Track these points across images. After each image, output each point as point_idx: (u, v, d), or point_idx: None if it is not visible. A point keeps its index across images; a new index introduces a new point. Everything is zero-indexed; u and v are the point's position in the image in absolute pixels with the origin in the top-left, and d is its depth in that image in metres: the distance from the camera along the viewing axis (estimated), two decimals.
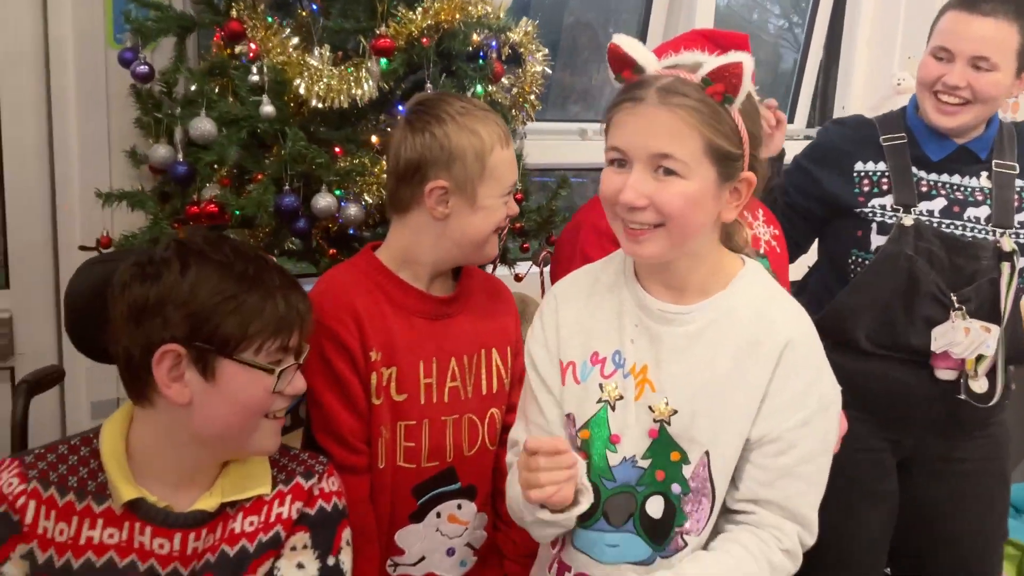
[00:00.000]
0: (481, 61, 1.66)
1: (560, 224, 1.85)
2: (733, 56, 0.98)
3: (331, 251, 1.66)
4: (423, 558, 1.38)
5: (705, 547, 1.12)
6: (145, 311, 1.05)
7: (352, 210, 1.57)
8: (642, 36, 2.77)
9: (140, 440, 1.11)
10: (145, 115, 1.79)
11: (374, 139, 1.61)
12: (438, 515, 1.38)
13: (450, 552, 1.40)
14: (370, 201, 1.59)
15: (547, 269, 1.75)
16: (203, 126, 1.48)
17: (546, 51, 1.72)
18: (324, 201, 1.51)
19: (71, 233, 1.89)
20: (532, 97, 1.73)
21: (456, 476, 1.39)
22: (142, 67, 1.63)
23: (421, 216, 1.33)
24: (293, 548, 1.12)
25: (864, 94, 2.93)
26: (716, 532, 1.13)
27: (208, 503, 1.10)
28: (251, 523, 1.11)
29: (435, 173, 1.30)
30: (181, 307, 1.05)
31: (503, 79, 1.68)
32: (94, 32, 1.83)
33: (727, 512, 1.13)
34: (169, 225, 1.61)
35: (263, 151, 1.59)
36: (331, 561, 1.13)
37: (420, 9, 1.54)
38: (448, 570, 1.40)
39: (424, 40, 1.53)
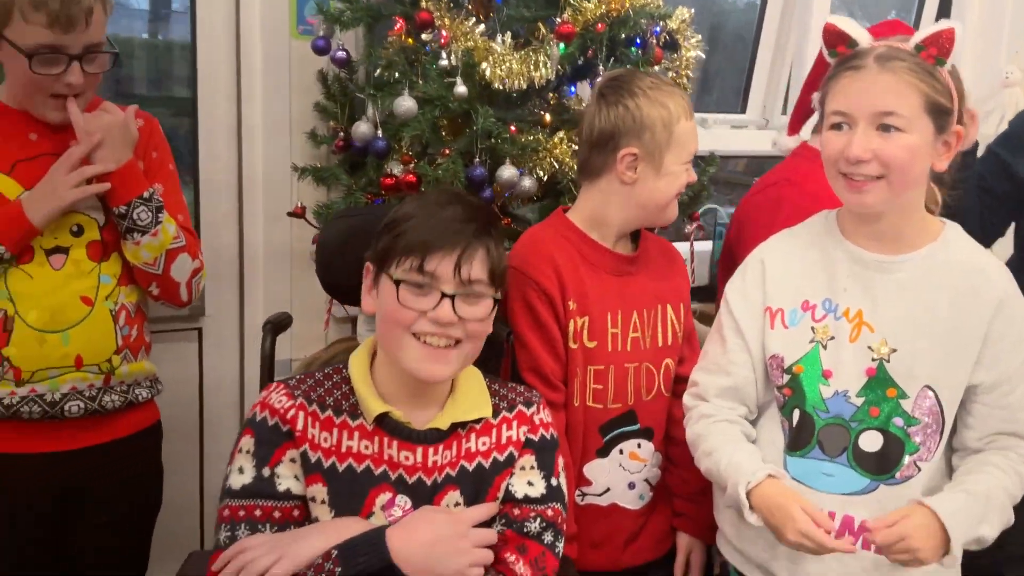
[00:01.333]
0: (633, 48, 1.81)
1: (705, 200, 1.99)
2: (944, 24, 1.13)
3: (505, 220, 1.82)
4: (608, 490, 1.53)
5: (940, 474, 1.27)
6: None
7: (527, 182, 1.73)
8: None
9: (378, 366, 1.27)
10: (328, 98, 1.98)
11: (547, 117, 1.77)
12: (620, 452, 1.53)
13: (631, 486, 1.55)
14: (541, 175, 1.76)
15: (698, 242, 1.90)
16: (406, 104, 1.65)
17: (699, 37, 1.86)
18: (507, 173, 1.68)
19: (255, 204, 2.08)
20: (685, 80, 1.88)
21: (636, 418, 1.54)
22: (340, 53, 1.82)
23: (611, 181, 1.49)
24: (522, 468, 1.26)
25: (971, 88, 3.01)
26: (949, 466, 1.29)
27: (440, 422, 1.24)
28: (483, 443, 1.26)
29: (627, 141, 1.45)
30: (380, 230, 1.23)
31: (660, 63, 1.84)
32: (279, 26, 2.03)
33: (961, 448, 1.29)
34: (362, 195, 1.80)
35: (449, 127, 1.76)
36: (554, 482, 1.27)
37: None
38: (629, 502, 1.55)
39: (599, 26, 1.69)
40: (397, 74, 1.78)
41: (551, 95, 1.83)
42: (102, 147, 1.42)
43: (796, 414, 1.31)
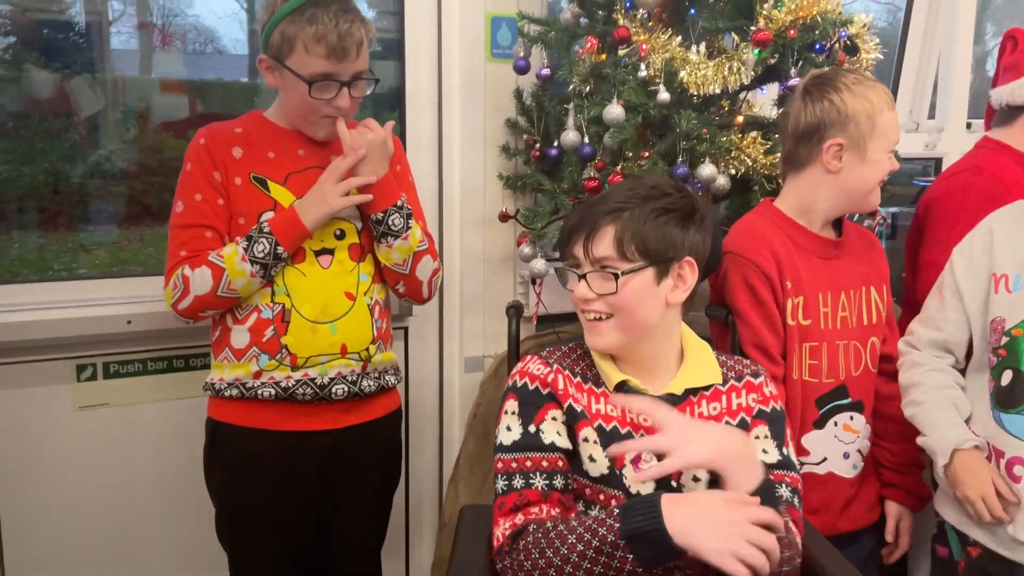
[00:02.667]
0: (813, 52, 1.93)
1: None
2: None
3: None
4: (825, 459, 1.64)
5: None
6: None
7: (721, 180, 1.86)
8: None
9: None
10: (522, 113, 2.16)
11: (739, 119, 1.89)
12: (835, 424, 1.64)
13: (845, 456, 1.65)
14: (733, 172, 1.89)
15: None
16: (615, 111, 1.80)
17: (877, 41, 1.97)
18: (707, 171, 1.81)
19: (452, 212, 2.27)
20: None
21: (847, 392, 1.64)
22: (545, 71, 1.99)
23: (817, 171, 1.61)
24: (756, 437, 1.37)
25: None
26: None
27: (675, 388, 1.36)
28: (714, 408, 1.37)
29: (832, 133, 1.57)
30: None
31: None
32: (475, 50, 2.21)
33: None
34: (566, 197, 1.96)
35: (642, 131, 1.90)
36: (785, 451, 1.37)
37: (783, 8, 1.83)
38: (844, 471, 1.65)
39: (791, 32, 1.81)
40: (589, 87, 1.95)
41: (740, 97, 1.96)
42: (365, 161, 1.60)
43: (1008, 374, 1.40)
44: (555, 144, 2.07)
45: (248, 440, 1.63)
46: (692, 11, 1.87)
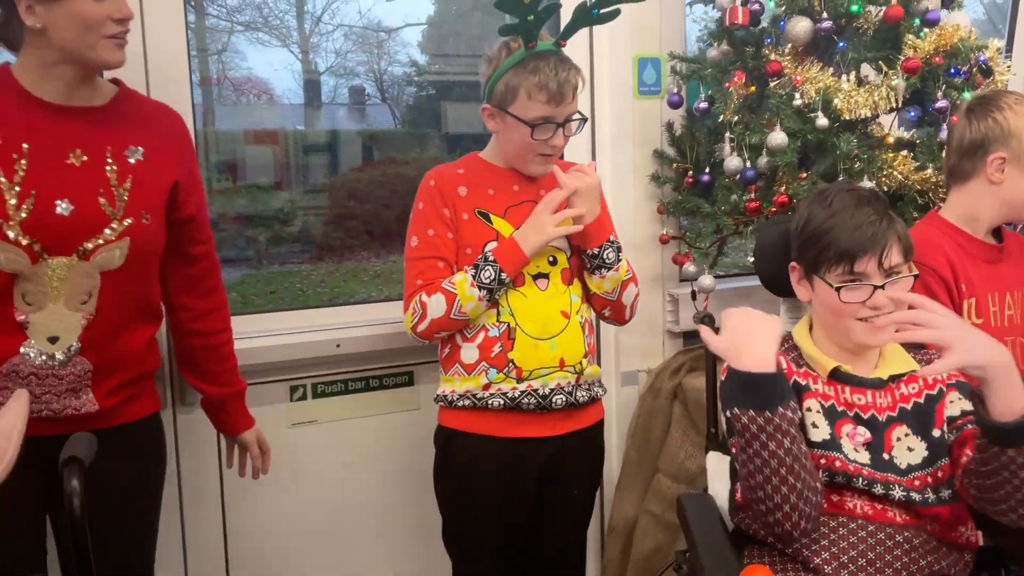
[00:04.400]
0: (951, 76, 2.11)
1: None
2: None
3: None
4: None
5: None
6: None
7: None
8: None
9: (818, 336, 1.59)
10: (672, 144, 2.36)
11: (890, 139, 2.08)
12: None
13: None
14: (885, 188, 2.07)
15: None
16: (778, 138, 2.00)
17: (1010, 63, 2.16)
18: (867, 186, 2.00)
19: None
20: None
21: None
22: (703, 104, 2.19)
23: (980, 183, 1.79)
24: (951, 401, 1.53)
25: None
26: None
27: (881, 373, 1.54)
28: (913, 388, 1.54)
29: (995, 148, 1.76)
30: (802, 237, 1.57)
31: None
32: (624, 89, 2.42)
33: None
34: (728, 219, 2.15)
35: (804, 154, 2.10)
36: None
37: (926, 38, 2.03)
38: None
39: (936, 59, 2.01)
40: (737, 117, 2.15)
41: (879, 120, 2.15)
42: (581, 201, 1.78)
43: None
44: (706, 171, 2.27)
45: (479, 446, 1.82)
46: (841, 44, 2.06)
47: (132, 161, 1.57)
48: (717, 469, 1.64)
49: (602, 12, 1.78)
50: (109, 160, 1.54)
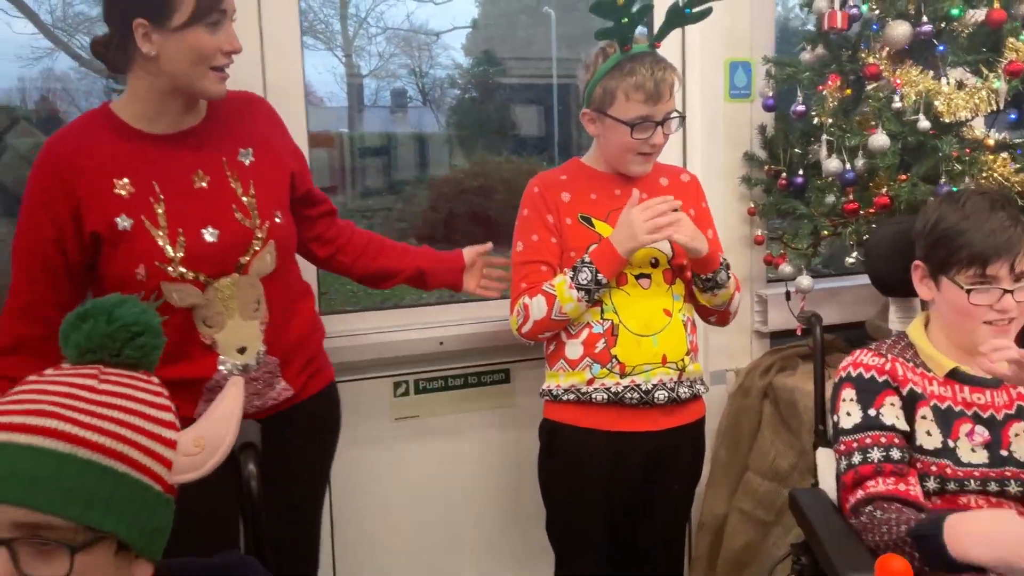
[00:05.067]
0: None
1: None
2: None
3: None
4: None
5: None
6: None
7: None
8: None
9: (934, 335, 1.62)
10: (764, 146, 2.39)
11: (989, 141, 2.09)
12: None
13: None
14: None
15: None
16: (881, 140, 2.02)
17: None
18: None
19: None
20: None
21: None
22: (800, 107, 2.22)
23: None
24: None
25: None
26: None
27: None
28: None
29: None
30: (929, 237, 1.59)
31: None
32: (715, 93, 2.46)
33: None
34: (825, 220, 2.18)
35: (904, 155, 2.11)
36: None
37: None
38: None
39: None
40: (831, 119, 2.18)
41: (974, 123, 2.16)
42: (693, 239, 1.78)
43: None
44: (799, 172, 2.30)
45: (583, 439, 1.88)
46: (941, 48, 2.08)
47: (247, 164, 1.64)
48: (827, 465, 1.68)
49: (694, 11, 1.82)
50: (228, 172, 1.61)
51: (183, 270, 1.53)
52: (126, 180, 1.52)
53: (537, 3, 4.63)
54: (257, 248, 1.61)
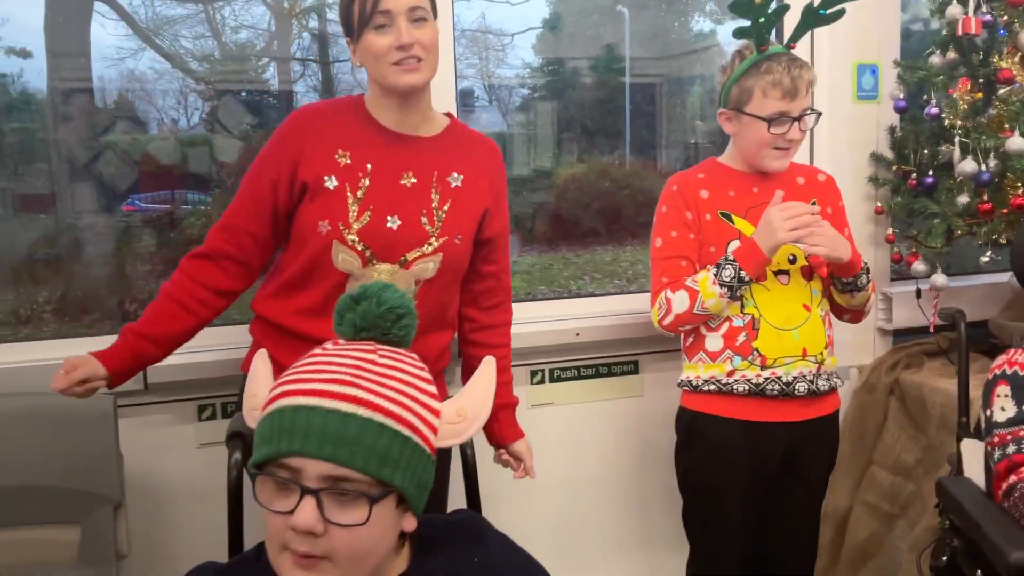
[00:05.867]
0: None
1: None
2: None
3: None
4: None
5: None
6: None
7: None
8: None
9: None
10: (892, 147, 2.44)
11: None
12: None
13: None
14: None
15: None
16: (1018, 143, 2.06)
17: None
18: None
19: None
20: None
21: None
22: (933, 109, 2.27)
23: None
24: None
25: None
26: None
27: None
28: None
29: None
30: None
31: None
32: (843, 95, 2.52)
33: None
34: (960, 220, 2.22)
35: None
36: None
37: None
38: None
39: None
40: (960, 121, 2.22)
41: None
42: (833, 248, 1.85)
43: None
44: (928, 173, 2.34)
45: (723, 428, 1.97)
46: None
47: (453, 187, 1.77)
48: (972, 456, 1.73)
49: (829, 12, 1.89)
50: (434, 184, 1.75)
51: (355, 239, 1.67)
52: (347, 153, 1.69)
53: (613, 2, 4.68)
54: (427, 252, 1.73)
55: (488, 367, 1.11)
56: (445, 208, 1.75)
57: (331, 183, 1.67)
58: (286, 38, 3.44)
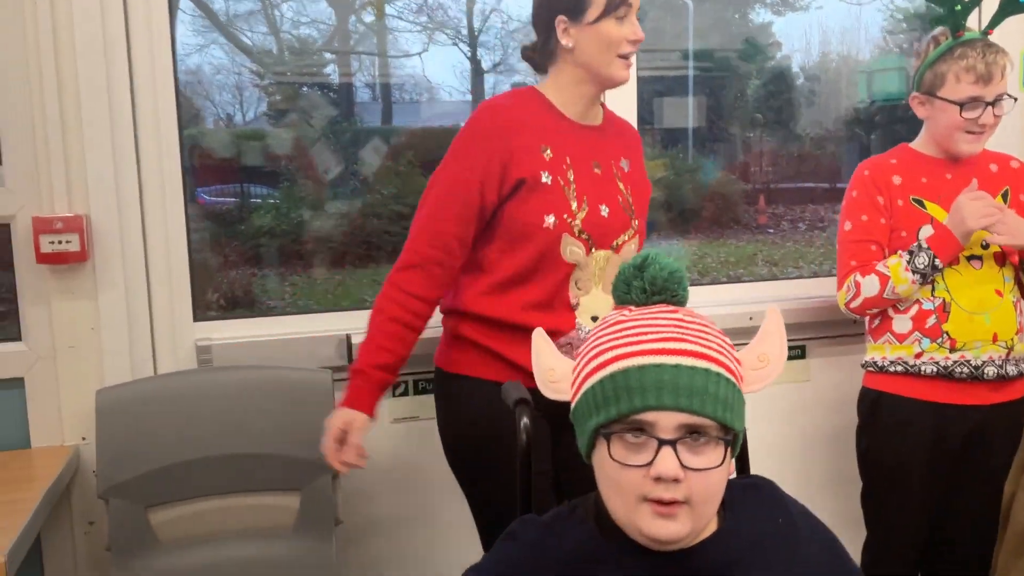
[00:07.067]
0: None
1: None
2: None
3: None
4: None
5: None
6: None
7: None
8: None
9: None
10: None
11: None
12: None
13: None
14: None
15: None
16: None
17: None
18: None
19: None
20: None
21: None
22: None
23: None
24: None
25: None
26: None
27: None
28: None
29: None
30: None
31: None
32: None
33: None
34: None
35: None
36: None
37: None
38: None
39: None
40: None
41: None
42: (1004, 225, 1.89)
43: None
44: None
45: (907, 408, 2.00)
46: None
47: (626, 172, 1.84)
48: None
49: None
50: (615, 171, 1.81)
51: (580, 229, 1.73)
52: (548, 147, 1.73)
53: None
54: (629, 236, 1.80)
55: (775, 315, 1.16)
56: (628, 192, 1.81)
57: (546, 178, 1.70)
58: (345, 33, 3.49)
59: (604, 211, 1.75)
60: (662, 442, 0.99)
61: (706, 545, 1.07)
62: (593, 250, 1.75)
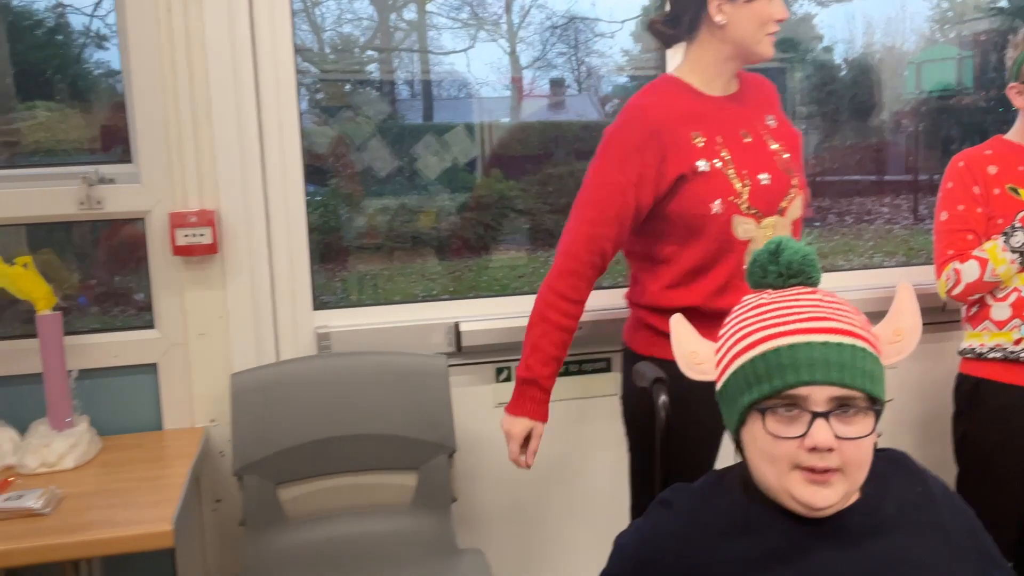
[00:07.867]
0: None
1: None
2: None
3: None
4: None
5: None
6: None
7: None
8: None
9: None
10: None
11: None
12: None
13: None
14: None
15: None
16: None
17: None
18: None
19: None
20: None
21: None
22: None
23: None
24: None
25: None
26: None
27: None
28: None
29: None
30: None
31: None
32: None
33: None
34: None
35: None
36: None
37: None
38: None
39: None
40: None
41: None
42: None
43: None
44: None
45: (1006, 394, 2.04)
46: None
47: (773, 128, 1.87)
48: None
49: None
50: (764, 133, 1.85)
51: (747, 205, 1.76)
52: (698, 132, 1.77)
53: None
54: (792, 196, 1.83)
55: (908, 292, 1.20)
56: (783, 150, 1.85)
57: (703, 166, 1.74)
58: (386, 30, 3.55)
59: (765, 179, 1.79)
60: (815, 415, 1.06)
61: (852, 511, 1.14)
62: (761, 220, 1.78)
